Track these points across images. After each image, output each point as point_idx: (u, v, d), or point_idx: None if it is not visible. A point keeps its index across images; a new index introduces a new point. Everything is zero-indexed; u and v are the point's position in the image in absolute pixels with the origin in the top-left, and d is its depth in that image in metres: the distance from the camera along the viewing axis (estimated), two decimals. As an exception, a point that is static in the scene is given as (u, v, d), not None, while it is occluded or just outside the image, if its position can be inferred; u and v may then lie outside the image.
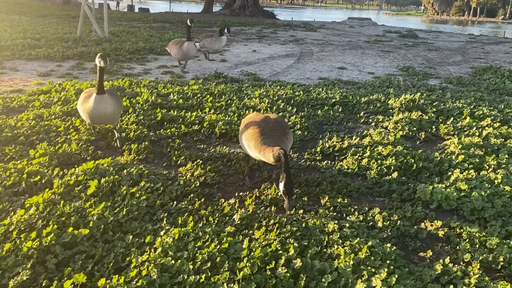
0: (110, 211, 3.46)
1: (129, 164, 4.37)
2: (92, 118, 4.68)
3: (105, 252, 3.07)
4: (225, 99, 6.98)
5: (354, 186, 4.24)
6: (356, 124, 6.35)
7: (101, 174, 4.08)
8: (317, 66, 11.52)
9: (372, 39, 20.41)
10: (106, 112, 4.62)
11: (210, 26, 23.94)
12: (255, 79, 9.31)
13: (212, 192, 4.08)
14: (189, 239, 3.17)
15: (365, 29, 28.05)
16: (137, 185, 3.97)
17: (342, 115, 6.59)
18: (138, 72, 9.68)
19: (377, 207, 3.83)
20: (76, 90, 6.91)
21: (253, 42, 16.61)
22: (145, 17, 27.48)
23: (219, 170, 4.56)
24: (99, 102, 4.55)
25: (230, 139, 5.56)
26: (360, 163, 4.70)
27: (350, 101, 7.13)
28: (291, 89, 7.79)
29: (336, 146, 5.15)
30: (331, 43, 17.86)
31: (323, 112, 6.54)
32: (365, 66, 12.12)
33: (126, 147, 4.96)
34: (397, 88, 8.58)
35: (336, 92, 7.66)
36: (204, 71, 10.18)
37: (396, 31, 26.44)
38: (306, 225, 3.43)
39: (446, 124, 6.21)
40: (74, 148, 4.74)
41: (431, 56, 14.87)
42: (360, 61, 12.87)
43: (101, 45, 12.03)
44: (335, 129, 6.04)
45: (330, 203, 3.90)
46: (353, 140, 5.39)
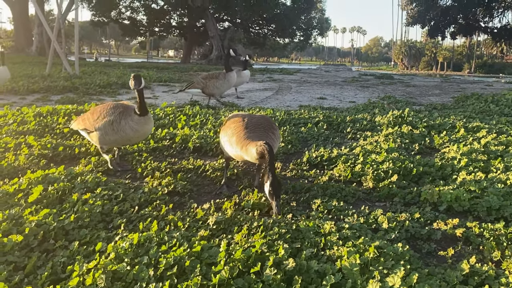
0: (54, 218, 2.80)
1: (85, 173, 3.74)
2: (133, 138, 4.05)
3: (41, 262, 2.40)
4: (200, 118, 6.51)
5: (349, 190, 3.73)
6: (343, 140, 5.93)
7: (50, 182, 3.44)
8: (296, 97, 11.30)
9: (348, 79, 20.69)
10: (148, 132, 4.09)
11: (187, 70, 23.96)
12: (232, 106, 8.93)
13: (183, 201, 3.49)
14: (151, 244, 2.53)
15: (340, 73, 28.72)
16: (92, 192, 3.34)
17: (327, 132, 6.17)
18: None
19: (379, 209, 3.30)
20: (36, 113, 6.32)
21: (230, 81, 16.50)
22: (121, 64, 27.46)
23: (192, 180, 3.99)
24: (145, 123, 3.98)
25: (205, 154, 5.03)
26: (354, 170, 4.20)
27: (335, 120, 6.75)
28: (271, 110, 7.40)
29: (324, 156, 4.66)
30: (309, 82, 17.96)
31: (306, 129, 6.12)
32: (345, 97, 11.99)
33: (84, 160, 4.34)
34: (382, 110, 8.32)
35: (319, 113, 7.30)
36: (179, 101, 9.76)
37: (371, 74, 27.08)
38: (297, 227, 2.85)
39: (440, 136, 5.84)
40: (22, 161, 4.10)
41: (410, 90, 14.98)
42: (340, 93, 12.79)
43: (71, 80, 11.56)
44: (320, 144, 5.59)
45: (324, 207, 3.35)
46: (343, 150, 4.92)
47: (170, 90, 12.48)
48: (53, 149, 4.63)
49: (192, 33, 50.07)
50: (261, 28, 51.88)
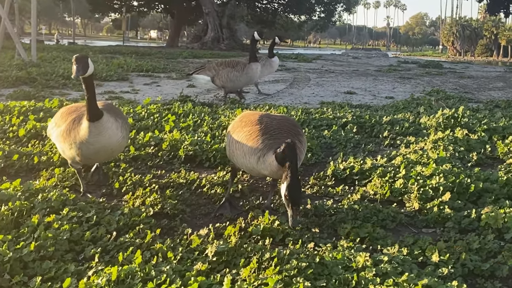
0: (9, 247, 2.84)
1: (47, 189, 3.79)
2: (89, 155, 3.75)
3: (-7, 303, 2.44)
4: (194, 118, 6.56)
5: (388, 213, 3.75)
6: (378, 147, 5.97)
7: (3, 200, 3.49)
8: (317, 91, 11.36)
9: (384, 68, 20.74)
10: (110, 143, 3.70)
11: (175, 57, 24.15)
12: (233, 103, 8.98)
13: (173, 225, 3.53)
14: (134, 281, 2.57)
15: (373, 59, 28.82)
16: (57, 214, 3.38)
17: (357, 136, 6.21)
18: (74, 97, 9.26)
19: (427, 238, 3.31)
20: (-19, 111, 6.40)
21: (231, 70, 16.60)
22: (90, 48, 27.72)
23: (184, 198, 4.03)
24: (98, 132, 3.62)
25: (200, 164, 5.08)
26: (393, 186, 4.23)
27: (368, 121, 6.78)
28: (285, 108, 7.45)
29: (355, 168, 4.69)
30: (332, 71, 18.05)
31: (331, 132, 6.15)
32: (380, 91, 12.04)
33: (45, 173, 4.40)
34: (429, 109, 8.35)
35: (347, 112, 7.34)
36: (165, 96, 9.84)
37: (414, 62, 27.12)
38: (322, 260, 2.87)
39: (505, 143, 5.84)
40: (-34, 173, 4.16)
41: (464, 82, 15.01)
42: (373, 87, 12.84)
43: (26, 69, 11.70)
44: (349, 152, 5.62)
45: (355, 234, 3.37)
46: (379, 161, 4.94)
47: (153, 82, 12.59)
48: (6, 158, 4.68)
49: (181, 9, 50.50)
50: (270, 2, 52.25)
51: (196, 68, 9.55)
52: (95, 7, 51.40)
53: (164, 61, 20.07)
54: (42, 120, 6.07)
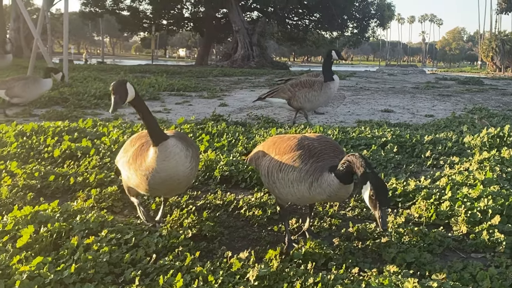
0: (50, 269, 2.92)
1: (85, 210, 3.88)
2: (155, 184, 3.51)
3: (36, 326, 2.50)
4: (228, 138, 6.62)
5: (435, 237, 3.71)
6: (421, 168, 5.91)
7: (42, 222, 3.58)
8: (352, 109, 11.33)
9: (422, 85, 20.55)
10: (177, 172, 3.45)
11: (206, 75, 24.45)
12: (268, 122, 9.03)
13: (211, 248, 3.57)
14: (176, 304, 2.59)
15: (410, 76, 28.58)
16: (96, 236, 3.45)
17: (398, 156, 6.15)
18: (107, 117, 9.48)
19: (476, 263, 3.26)
20: (17, 132, 6.61)
21: (262, 89, 16.73)
22: (119, 67, 28.31)
23: (222, 220, 4.07)
24: (164, 157, 3.39)
25: (236, 185, 5.12)
26: (439, 209, 4.18)
27: (408, 141, 6.73)
28: (321, 128, 7.46)
29: (398, 189, 4.65)
30: (368, 88, 17.98)
31: (370, 152, 6.12)
32: (419, 109, 11.94)
33: (82, 194, 4.50)
34: (472, 127, 8.23)
35: (386, 131, 7.29)
36: (198, 116, 9.97)
37: (453, 78, 26.81)
38: (368, 285, 2.86)
39: (556, 163, 5.71)
40: (4, 194, 4.29)
41: (508, 100, 14.77)
42: (411, 104, 12.74)
43: (58, 89, 12.02)
44: (390, 172, 5.58)
45: (401, 259, 3.34)
46: (423, 182, 4.89)
47: (185, 101, 12.77)
48: (42, 179, 4.82)
49: (211, 27, 51.19)
50: (301, 18, 52.53)
51: (270, 91, 9.45)
52: (124, 26, 52.52)
53: (195, 80, 20.35)
54: (77, 140, 6.22)
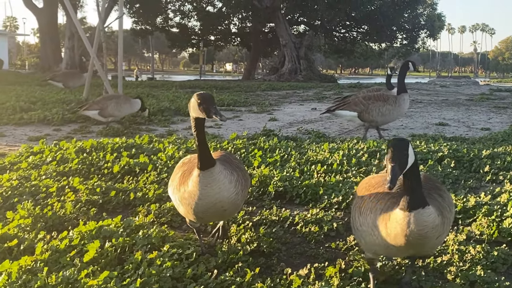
0: (116, 283, 3.03)
1: (147, 225, 4.00)
2: (199, 212, 3.42)
3: None
4: (280, 153, 6.67)
5: (499, 255, 3.63)
6: (480, 183, 5.78)
7: (106, 237, 3.72)
8: (405, 123, 11.18)
9: (476, 97, 20.08)
10: (221, 199, 3.34)
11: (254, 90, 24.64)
12: (319, 136, 9.03)
13: (270, 264, 3.61)
14: (240, 320, 2.64)
15: (463, 88, 27.95)
16: (158, 250, 3.56)
17: (456, 172, 6.04)
18: (161, 133, 9.71)
19: (545, 283, 3.17)
20: (77, 148, 6.86)
21: (311, 102, 16.74)
22: (170, 83, 28.91)
23: (279, 236, 4.10)
24: (207, 184, 3.29)
25: (290, 201, 5.15)
26: (501, 226, 4.09)
27: (465, 155, 6.60)
28: (374, 142, 7.40)
29: (458, 206, 4.57)
30: (420, 101, 17.69)
31: (426, 167, 6.03)
32: (474, 122, 11.66)
33: (142, 209, 4.64)
34: (531, 141, 8.00)
35: (442, 145, 7.17)
36: (249, 130, 10.07)
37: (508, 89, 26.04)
38: (431, 304, 2.82)
39: None
40: (69, 209, 4.47)
41: None
42: (466, 117, 12.47)
43: (113, 106, 12.39)
44: (449, 188, 5.48)
45: (464, 277, 3.29)
46: (483, 198, 4.79)
47: (235, 116, 12.93)
48: (103, 194, 4.99)
49: (258, 41, 51.66)
50: (349, 31, 52.31)
51: (338, 103, 9.37)
52: (173, 42, 53.72)
53: (244, 95, 20.57)
54: (134, 156, 6.40)
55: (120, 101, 10.24)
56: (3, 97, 13.86)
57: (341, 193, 5.00)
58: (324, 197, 4.98)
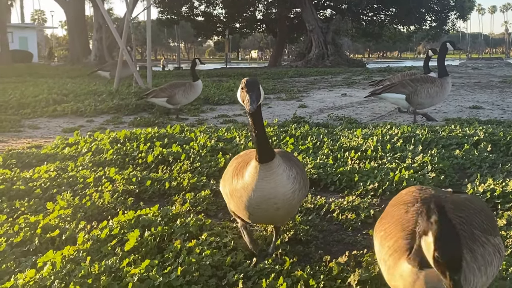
0: (157, 271, 3.07)
1: (184, 214, 4.05)
2: (250, 207, 3.15)
3: (151, 326, 2.64)
4: (313, 140, 6.65)
5: (542, 240, 3.55)
6: (518, 167, 5.65)
7: (145, 226, 3.77)
8: (438, 107, 11.01)
9: (509, 79, 19.62)
10: (276, 194, 3.06)
11: (281, 77, 24.56)
12: (350, 122, 8.97)
13: (308, 252, 3.61)
14: (282, 307, 2.66)
15: (495, 70, 27.34)
16: (196, 239, 3.60)
17: (493, 156, 5.93)
18: (191, 122, 9.78)
19: None
20: (111, 139, 6.96)
21: (340, 88, 16.61)
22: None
23: (315, 224, 4.09)
24: (264, 176, 3.03)
25: (325, 188, 5.13)
26: (543, 210, 4.00)
27: (502, 139, 6.47)
28: (409, 127, 7.31)
29: (496, 190, 4.49)
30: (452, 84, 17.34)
31: (463, 152, 5.94)
32: (509, 104, 11.45)
33: (178, 198, 4.69)
34: None
35: (477, 128, 7.05)
36: (279, 118, 10.06)
37: (543, 70, 25.38)
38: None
39: None
40: (107, 199, 4.55)
41: None
42: (500, 100, 12.22)
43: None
44: (486, 173, 5.39)
45: (506, 263, 3.23)
46: (523, 182, 4.70)
47: (264, 104, 12.91)
48: (139, 184, 5.06)
49: (283, 28, 51.38)
50: (376, 14, 51.59)
51: (384, 86, 9.28)
52: (199, 31, 53.89)
53: (271, 82, 20.51)
54: (167, 146, 6.46)
55: (187, 89, 10.51)
56: (35, 90, 14.13)
57: (376, 179, 4.96)
58: (360, 184, 4.96)
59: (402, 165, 5.35)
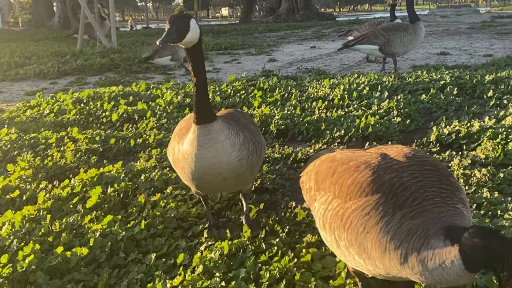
0: (120, 226, 3.02)
1: (149, 170, 3.98)
2: (193, 179, 2.82)
3: (113, 280, 2.60)
4: (281, 92, 6.58)
5: (505, 177, 3.60)
6: (483, 109, 5.70)
7: (108, 183, 3.70)
8: (406, 55, 10.97)
9: (477, 25, 19.69)
10: (219, 164, 2.71)
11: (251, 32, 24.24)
12: (319, 74, 8.91)
13: (274, 199, 3.59)
14: (246, 254, 2.64)
15: (463, 17, 27.38)
16: (161, 193, 3.54)
17: (459, 99, 5.95)
18: (159, 80, 9.59)
19: (552, 201, 3.15)
20: (74, 99, 6.78)
21: (310, 41, 16.46)
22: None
23: (282, 173, 4.06)
24: (202, 143, 2.68)
25: (292, 138, 5.10)
26: (506, 148, 4.04)
27: (468, 82, 6.49)
28: (376, 75, 7.28)
29: (461, 131, 4.51)
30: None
31: (429, 96, 5.94)
32: (476, 49, 11.48)
33: (143, 154, 4.60)
34: (535, 63, 7.87)
35: (444, 73, 7.05)
36: (248, 73, 9.93)
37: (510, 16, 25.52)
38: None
39: None
40: (69, 159, 4.43)
41: None
42: (468, 45, 12.27)
43: (108, 56, 12.22)
44: (452, 115, 5.41)
45: (471, 200, 3.26)
46: (487, 122, 4.73)
47: (233, 59, 12.74)
48: (103, 143, 4.95)
49: (253, -18, 50.36)
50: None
51: (357, 37, 9.03)
52: (166, -11, 52.51)
53: (241, 38, 20.21)
54: (132, 104, 6.33)
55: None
56: (-4, 54, 13.66)
57: (343, 127, 4.94)
58: (326, 132, 4.93)
59: (368, 112, 5.33)
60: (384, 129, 4.82)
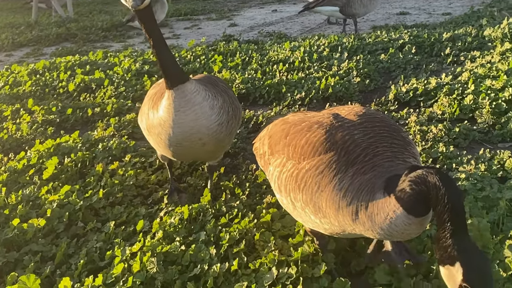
0: (78, 196, 2.97)
1: (106, 139, 3.91)
2: (171, 145, 2.70)
3: (72, 250, 2.57)
4: (241, 57, 6.50)
5: (460, 131, 3.66)
6: (441, 66, 5.76)
7: (65, 153, 3.62)
8: (366, 16, 10.96)
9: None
10: (198, 128, 2.59)
11: None
12: (280, 37, 8.84)
13: (236, 163, 3.58)
14: (206, 217, 2.64)
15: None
16: (119, 161, 3.49)
17: (417, 57, 5.99)
18: (117, 49, 9.36)
19: (505, 152, 3.22)
20: (30, 70, 6.57)
21: (271, 5, 16.25)
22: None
23: (243, 137, 4.05)
24: (179, 106, 2.56)
25: (254, 102, 5.08)
26: (462, 103, 4.10)
27: (426, 40, 6.52)
28: (336, 37, 7.26)
29: (419, 89, 4.56)
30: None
31: (388, 56, 5.96)
32: (435, 8, 11.53)
33: (101, 124, 4.51)
34: (491, 20, 7.94)
35: (403, 32, 7.08)
36: (208, 38, 9.78)
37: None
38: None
39: None
40: (25, 131, 4.32)
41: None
42: (427, 4, 12.31)
43: (65, 25, 11.84)
44: (410, 74, 5.45)
45: (426, 155, 3.32)
46: (444, 79, 4.78)
47: (194, 25, 12.50)
48: (60, 113, 4.83)
49: None
50: None
51: (316, 0, 8.70)
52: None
53: (202, 3, 19.80)
54: (90, 73, 6.17)
55: None
56: None
57: (303, 89, 4.93)
58: (287, 95, 4.91)
59: (328, 73, 5.33)
60: (344, 89, 4.83)
